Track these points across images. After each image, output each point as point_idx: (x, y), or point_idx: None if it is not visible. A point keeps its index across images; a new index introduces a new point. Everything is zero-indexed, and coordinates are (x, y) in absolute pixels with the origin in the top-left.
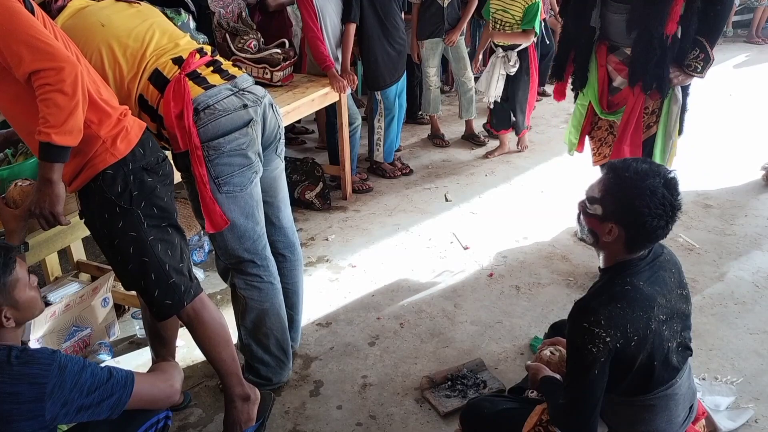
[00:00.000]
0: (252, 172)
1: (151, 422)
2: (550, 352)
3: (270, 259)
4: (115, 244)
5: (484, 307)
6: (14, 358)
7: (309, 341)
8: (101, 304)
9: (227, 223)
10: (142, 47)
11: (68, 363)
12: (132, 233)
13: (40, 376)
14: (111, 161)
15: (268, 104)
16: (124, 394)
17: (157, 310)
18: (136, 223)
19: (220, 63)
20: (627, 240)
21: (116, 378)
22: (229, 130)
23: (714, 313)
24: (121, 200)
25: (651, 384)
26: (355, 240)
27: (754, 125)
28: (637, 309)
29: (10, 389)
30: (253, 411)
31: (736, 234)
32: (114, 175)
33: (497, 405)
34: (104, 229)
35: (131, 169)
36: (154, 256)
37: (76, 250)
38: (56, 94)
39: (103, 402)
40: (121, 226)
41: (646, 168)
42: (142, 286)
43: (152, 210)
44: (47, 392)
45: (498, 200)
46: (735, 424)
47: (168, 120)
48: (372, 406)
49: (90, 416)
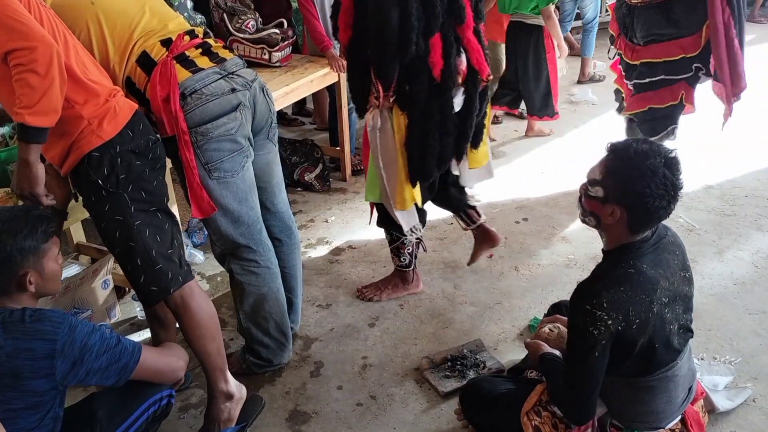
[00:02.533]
0: (243, 157)
1: (154, 399)
2: (548, 329)
3: (266, 243)
4: (102, 227)
5: (484, 289)
6: (27, 316)
7: (309, 322)
8: (101, 286)
9: (215, 209)
10: (129, 28)
11: (78, 324)
12: (118, 217)
13: (52, 332)
14: (97, 143)
15: (258, 88)
16: (131, 360)
17: (143, 295)
18: (123, 207)
19: (209, 45)
20: (629, 221)
21: (124, 345)
22: (217, 115)
23: (713, 293)
24: (107, 183)
25: (652, 366)
26: (354, 221)
27: (757, 105)
28: (639, 292)
29: (24, 345)
30: (235, 411)
31: (736, 214)
32: (100, 158)
33: (497, 385)
34: (92, 212)
35: (118, 152)
36: (140, 241)
37: (75, 233)
38: (29, 74)
39: (111, 366)
40: (107, 210)
41: (646, 148)
42: (129, 270)
43: (140, 194)
44: (57, 349)
45: (498, 181)
46: (733, 404)
47: (155, 104)
48: (372, 386)
49: (98, 380)
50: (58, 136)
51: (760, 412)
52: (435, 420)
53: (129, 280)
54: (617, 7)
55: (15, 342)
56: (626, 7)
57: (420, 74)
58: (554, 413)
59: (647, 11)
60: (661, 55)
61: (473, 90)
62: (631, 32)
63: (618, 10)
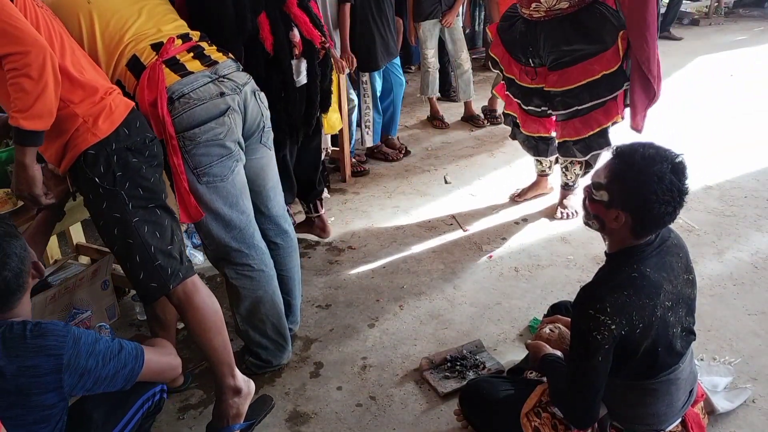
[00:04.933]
0: (232, 162)
1: (147, 395)
2: (549, 330)
3: (259, 247)
4: (100, 225)
5: (484, 289)
6: (29, 331)
7: (309, 323)
8: (101, 286)
9: (202, 214)
10: (122, 29)
11: (82, 335)
12: (116, 214)
13: (57, 347)
14: (92, 141)
15: (249, 92)
16: (136, 365)
17: (143, 292)
18: (120, 204)
19: (202, 48)
20: (634, 226)
21: (127, 350)
22: (204, 120)
23: (713, 294)
24: (104, 181)
25: (654, 369)
26: (354, 222)
27: (755, 105)
28: (643, 296)
29: (28, 363)
30: (243, 406)
31: (735, 215)
32: (96, 156)
33: (496, 386)
34: (91, 210)
35: (114, 149)
36: (139, 237)
37: (75, 233)
38: (23, 79)
39: (118, 373)
40: (105, 207)
41: (652, 153)
42: (128, 267)
43: (137, 191)
44: (64, 363)
45: (498, 182)
46: (732, 405)
47: (143, 108)
48: (372, 387)
49: (106, 387)
50: (55, 135)
51: (759, 413)
52: (435, 421)
53: (128, 277)
54: (503, 29)
55: (18, 360)
56: (523, 24)
57: (255, 50)
58: (554, 414)
59: (552, 25)
60: (581, 78)
61: (312, 59)
62: (531, 52)
63: (505, 32)
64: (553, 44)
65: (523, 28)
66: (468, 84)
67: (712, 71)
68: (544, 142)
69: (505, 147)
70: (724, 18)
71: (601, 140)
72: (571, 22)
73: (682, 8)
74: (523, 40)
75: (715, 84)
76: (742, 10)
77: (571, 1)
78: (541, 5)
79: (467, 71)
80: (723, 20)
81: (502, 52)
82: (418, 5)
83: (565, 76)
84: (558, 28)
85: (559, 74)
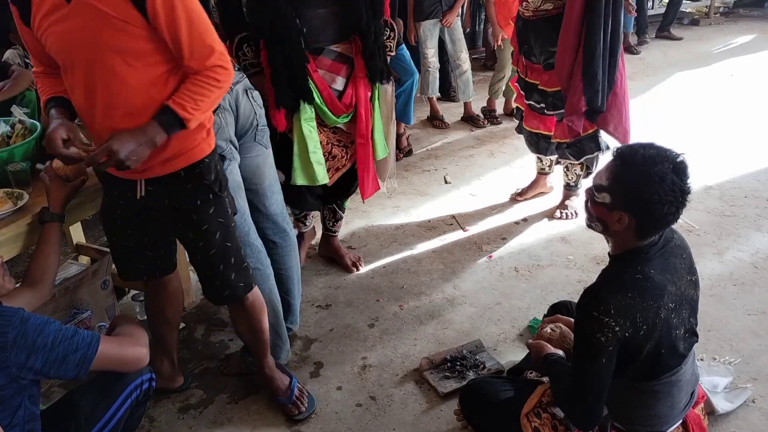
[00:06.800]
0: (225, 161)
1: (135, 384)
2: (550, 330)
3: (255, 245)
4: (203, 230)
5: (484, 289)
6: None
7: (309, 323)
8: (101, 286)
9: None
10: None
11: (31, 317)
12: (220, 219)
13: (2, 325)
14: (208, 151)
15: (241, 91)
16: (89, 350)
17: (232, 291)
18: (224, 209)
19: None
20: (637, 227)
21: (81, 336)
22: None
23: (713, 294)
24: (215, 186)
25: (656, 371)
26: (354, 222)
27: (755, 105)
28: (647, 298)
29: None
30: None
31: (735, 215)
32: (209, 164)
33: (496, 386)
34: (194, 217)
35: (217, 159)
36: (235, 241)
37: (75, 233)
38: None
39: (68, 357)
40: (213, 212)
41: (653, 153)
42: (221, 269)
43: (230, 197)
44: (9, 341)
45: (498, 182)
46: (733, 405)
47: None
48: (372, 387)
49: (57, 372)
50: (182, 137)
51: (759, 413)
52: (434, 421)
53: (214, 280)
54: (516, 20)
55: None
56: (521, 20)
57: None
58: (554, 415)
59: (539, 25)
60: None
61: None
62: (528, 48)
63: (516, 23)
64: (542, 44)
65: (520, 25)
66: (468, 84)
67: (712, 71)
68: (545, 140)
69: (505, 147)
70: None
71: (592, 144)
72: (555, 25)
73: (682, 8)
74: (521, 36)
75: (715, 84)
76: (742, 10)
77: (555, 3)
78: (529, 4)
79: (467, 71)
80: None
81: (515, 43)
82: (419, 5)
83: (554, 77)
84: (545, 28)
85: (549, 74)
